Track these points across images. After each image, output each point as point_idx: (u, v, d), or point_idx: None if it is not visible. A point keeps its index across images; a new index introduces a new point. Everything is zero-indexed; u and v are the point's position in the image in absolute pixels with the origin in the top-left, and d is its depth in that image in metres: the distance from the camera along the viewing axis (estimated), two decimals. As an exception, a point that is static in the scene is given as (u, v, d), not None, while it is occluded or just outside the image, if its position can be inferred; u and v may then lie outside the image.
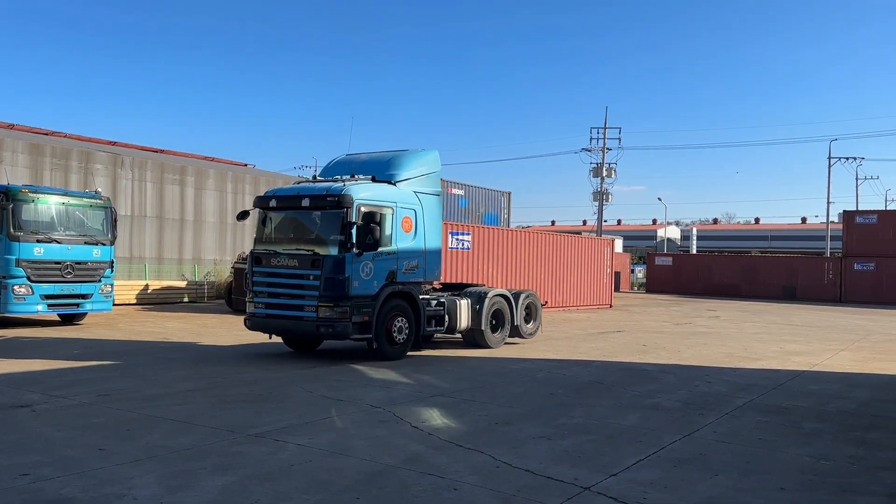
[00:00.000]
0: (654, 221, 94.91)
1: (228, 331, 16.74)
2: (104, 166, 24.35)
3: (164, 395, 9.01)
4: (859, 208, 48.53)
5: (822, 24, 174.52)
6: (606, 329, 19.85)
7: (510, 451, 6.73)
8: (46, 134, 26.63)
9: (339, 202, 11.87)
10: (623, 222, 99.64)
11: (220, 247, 28.07)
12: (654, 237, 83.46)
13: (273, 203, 12.65)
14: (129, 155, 26.06)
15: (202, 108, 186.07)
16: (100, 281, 16.87)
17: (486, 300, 14.43)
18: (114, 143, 28.83)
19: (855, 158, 53.97)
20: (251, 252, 12.81)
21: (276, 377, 10.56)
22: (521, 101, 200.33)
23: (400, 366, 11.93)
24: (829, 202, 52.27)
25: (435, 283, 14.42)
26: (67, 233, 16.37)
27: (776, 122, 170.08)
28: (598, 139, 51.29)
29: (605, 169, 50.89)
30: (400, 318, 12.66)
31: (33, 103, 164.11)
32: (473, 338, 14.67)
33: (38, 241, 15.71)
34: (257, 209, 13.01)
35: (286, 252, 12.18)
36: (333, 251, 11.77)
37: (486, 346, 14.60)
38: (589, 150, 51.56)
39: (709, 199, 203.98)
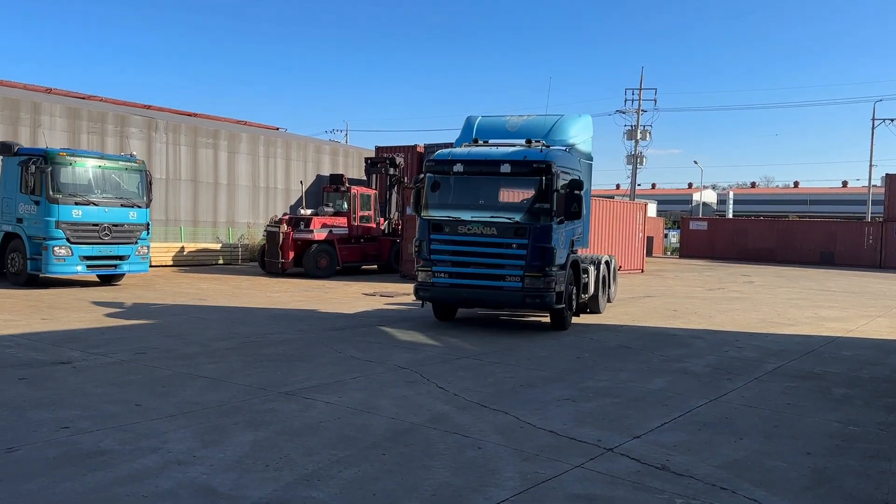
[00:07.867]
0: (690, 185, 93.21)
1: (261, 292, 17.03)
2: (139, 130, 24.66)
3: (200, 353, 9.26)
4: (903, 171, 46.77)
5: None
6: (637, 294, 19.72)
7: (534, 413, 6.80)
8: (83, 98, 27.01)
9: (545, 169, 11.12)
10: (658, 186, 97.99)
11: (254, 210, 28.40)
12: (690, 201, 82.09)
13: (459, 168, 11.51)
14: (163, 119, 26.33)
15: (234, 74, 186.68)
16: (136, 243, 17.21)
17: (601, 266, 14.07)
18: (148, 107, 29.15)
19: (900, 120, 52.05)
20: (425, 220, 11.62)
21: (307, 338, 10.76)
22: (556, 62, 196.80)
23: (426, 328, 12.04)
24: (871, 165, 50.66)
25: None
26: (104, 195, 16.69)
27: (818, 83, 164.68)
28: (632, 101, 50.28)
29: (639, 131, 49.96)
30: (572, 286, 12.20)
31: (70, 67, 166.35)
32: (587, 304, 13.61)
33: (76, 204, 16.07)
34: (427, 174, 11.74)
35: (479, 220, 11.24)
36: (538, 219, 11.11)
37: (598, 312, 13.96)
38: (623, 112, 50.59)
39: (747, 162, 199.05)
